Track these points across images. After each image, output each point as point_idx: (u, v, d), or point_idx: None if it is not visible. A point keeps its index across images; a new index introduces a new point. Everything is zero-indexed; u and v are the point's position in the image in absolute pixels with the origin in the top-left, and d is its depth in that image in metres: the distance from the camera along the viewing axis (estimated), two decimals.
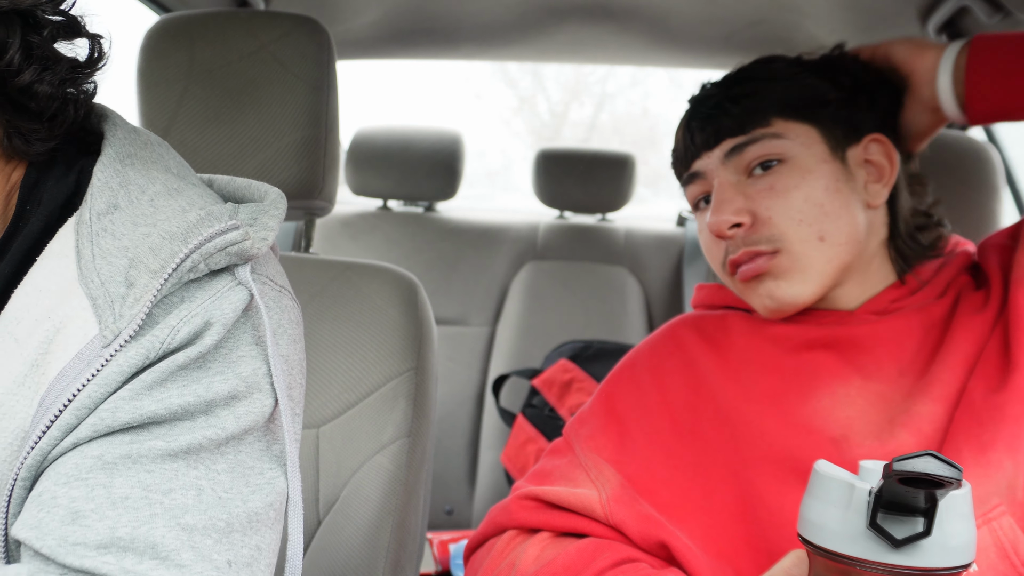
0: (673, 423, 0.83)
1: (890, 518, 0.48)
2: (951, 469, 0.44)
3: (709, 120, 0.83)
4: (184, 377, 0.53)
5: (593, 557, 0.74)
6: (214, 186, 0.67)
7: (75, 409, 0.50)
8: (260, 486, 0.55)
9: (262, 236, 0.58)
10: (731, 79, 0.85)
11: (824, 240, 0.79)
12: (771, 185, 0.80)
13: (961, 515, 0.48)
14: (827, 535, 0.50)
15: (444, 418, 1.92)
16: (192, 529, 0.50)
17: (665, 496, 0.79)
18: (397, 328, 0.97)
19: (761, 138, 0.80)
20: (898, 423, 0.74)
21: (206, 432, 0.52)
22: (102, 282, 0.53)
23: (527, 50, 1.92)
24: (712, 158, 0.83)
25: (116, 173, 0.58)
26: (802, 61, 0.85)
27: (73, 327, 0.52)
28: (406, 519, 0.94)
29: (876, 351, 0.79)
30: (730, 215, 0.80)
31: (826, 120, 0.81)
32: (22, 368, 0.52)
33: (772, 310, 0.82)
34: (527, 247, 2.11)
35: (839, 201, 0.80)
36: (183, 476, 0.51)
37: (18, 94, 0.56)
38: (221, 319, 0.54)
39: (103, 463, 0.50)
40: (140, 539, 0.49)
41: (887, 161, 0.83)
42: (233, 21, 0.96)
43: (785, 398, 0.79)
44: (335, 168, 0.99)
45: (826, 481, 0.51)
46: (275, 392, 0.57)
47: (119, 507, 0.49)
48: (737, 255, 0.81)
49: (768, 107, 0.81)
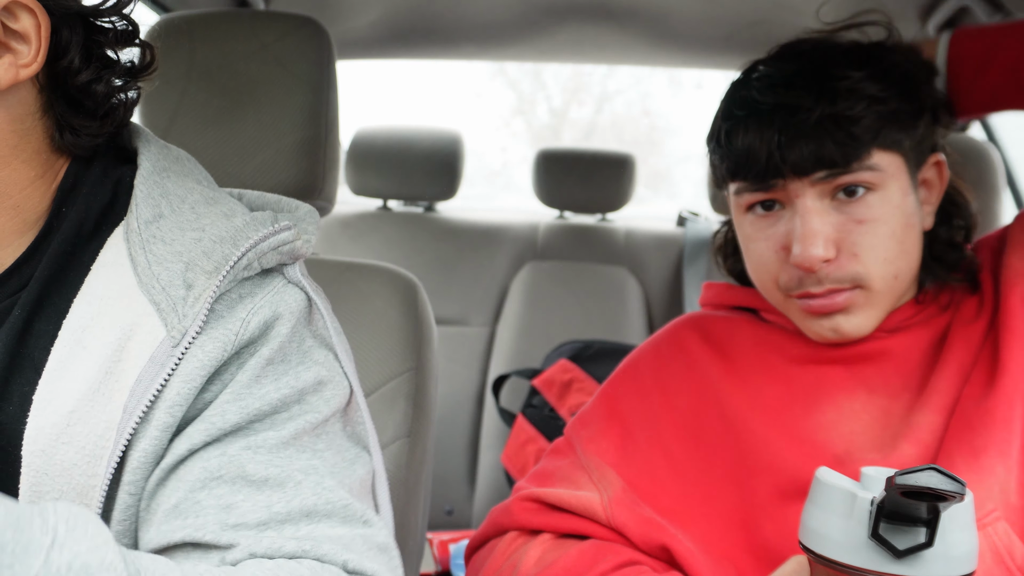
0: (676, 427, 0.82)
1: (892, 528, 0.47)
2: (954, 483, 0.44)
3: (807, 139, 0.73)
4: (273, 371, 0.57)
5: (595, 560, 0.74)
6: (243, 199, 0.69)
7: (168, 407, 0.53)
8: (353, 460, 0.59)
9: (307, 238, 0.63)
10: (825, 87, 0.74)
11: (897, 278, 0.77)
12: (860, 218, 0.75)
13: (963, 525, 0.48)
14: (829, 544, 0.50)
15: (444, 418, 1.92)
16: (334, 488, 0.55)
17: (666, 501, 0.79)
18: (397, 328, 0.97)
19: (858, 170, 0.74)
20: (900, 436, 0.74)
21: (305, 418, 0.57)
22: (163, 287, 0.56)
23: (527, 50, 1.92)
24: (801, 180, 0.75)
25: (156, 184, 0.61)
26: (884, 69, 0.76)
27: (141, 333, 0.55)
28: (406, 519, 0.94)
29: (884, 366, 0.78)
30: (822, 251, 0.73)
31: (910, 147, 0.77)
32: (96, 375, 0.54)
33: (829, 340, 0.79)
34: (527, 247, 2.11)
35: (913, 237, 0.77)
36: (296, 460, 0.55)
37: (76, 92, 0.60)
38: (287, 311, 0.58)
39: (229, 457, 0.53)
40: (295, 511, 0.52)
41: (939, 181, 0.81)
42: (233, 21, 0.96)
43: (790, 410, 0.78)
44: (335, 168, 0.99)
45: (828, 490, 0.51)
46: (348, 377, 0.62)
47: (264, 489, 0.53)
48: (820, 290, 0.76)
49: (870, 139, 0.74)
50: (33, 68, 0.56)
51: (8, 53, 0.55)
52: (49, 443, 0.53)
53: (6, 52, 0.55)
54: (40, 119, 0.59)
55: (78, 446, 0.52)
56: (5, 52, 0.55)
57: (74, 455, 0.52)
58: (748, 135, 0.76)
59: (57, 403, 0.53)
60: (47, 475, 0.52)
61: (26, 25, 0.55)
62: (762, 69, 0.80)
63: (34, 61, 0.56)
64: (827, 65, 0.76)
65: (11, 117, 0.57)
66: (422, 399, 0.97)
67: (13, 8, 0.55)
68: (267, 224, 0.60)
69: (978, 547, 0.50)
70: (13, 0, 0.54)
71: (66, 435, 0.53)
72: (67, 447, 0.52)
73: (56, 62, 0.58)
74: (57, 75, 0.59)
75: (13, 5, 0.55)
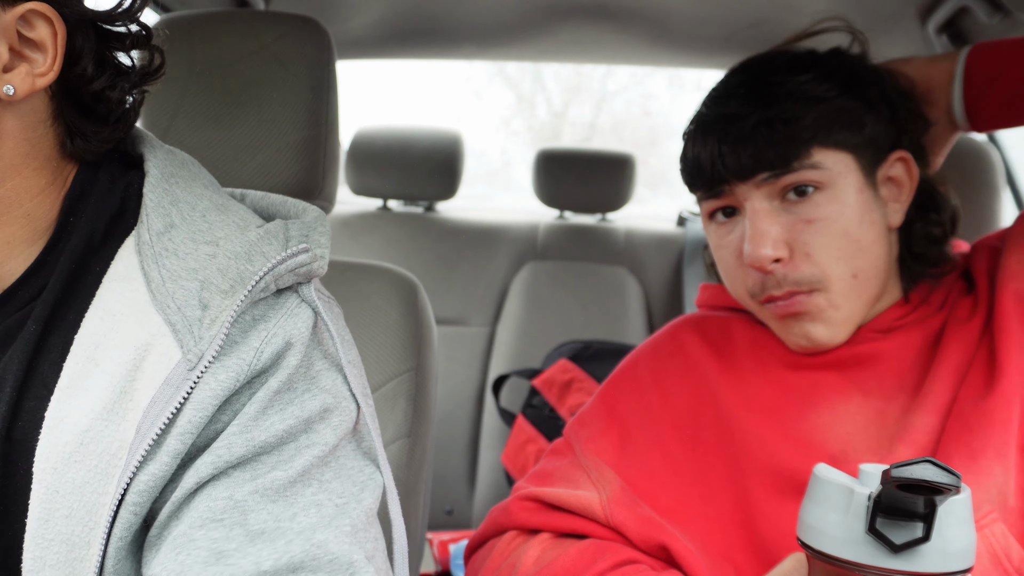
0: (674, 427, 0.83)
1: (889, 523, 0.48)
2: (949, 476, 0.44)
3: (744, 144, 0.77)
4: (279, 401, 0.55)
5: (594, 559, 0.74)
6: (246, 201, 0.68)
7: (179, 435, 0.52)
8: (365, 483, 0.58)
9: (321, 255, 0.61)
10: (762, 93, 0.78)
11: (856, 277, 0.77)
12: (809, 217, 0.77)
13: (961, 520, 0.48)
14: (826, 539, 0.50)
15: (444, 418, 1.92)
16: (325, 543, 0.53)
17: (664, 500, 0.79)
18: (397, 328, 0.97)
19: (799, 169, 0.76)
20: (897, 439, 0.74)
21: (313, 451, 0.55)
22: (178, 307, 0.55)
23: (527, 50, 1.92)
24: (745, 183, 0.78)
25: (166, 192, 0.60)
26: (826, 68, 0.79)
27: (156, 353, 0.54)
28: (406, 519, 0.94)
29: (878, 368, 0.78)
30: (770, 250, 0.76)
31: (859, 145, 0.78)
32: (109, 395, 0.53)
33: (805, 348, 0.80)
34: (527, 247, 2.11)
35: (872, 234, 0.78)
36: (302, 497, 0.54)
37: (91, 99, 0.59)
38: (299, 339, 0.57)
39: (235, 502, 0.52)
40: (283, 568, 0.51)
41: (908, 179, 0.81)
42: (233, 21, 0.95)
43: (785, 412, 0.79)
44: (335, 168, 0.99)
45: (825, 485, 0.51)
46: (355, 398, 0.60)
47: (257, 542, 0.52)
48: (780, 293, 0.78)
49: (809, 138, 0.76)
50: (49, 77, 0.55)
51: (24, 62, 0.54)
52: (61, 461, 0.52)
53: (22, 61, 0.54)
54: (51, 126, 0.58)
55: (90, 465, 0.52)
56: (21, 61, 0.54)
57: (86, 474, 0.52)
58: (695, 146, 0.82)
59: (70, 421, 0.52)
60: (58, 493, 0.52)
61: (43, 34, 0.54)
62: (713, 86, 0.84)
63: (50, 70, 0.55)
64: (768, 73, 0.80)
65: (24, 125, 0.56)
66: (422, 399, 0.97)
67: (30, 17, 0.54)
68: (279, 238, 0.59)
69: (976, 543, 0.51)
70: (30, 9, 0.53)
71: (79, 454, 0.52)
72: (79, 466, 0.52)
73: (69, 69, 0.57)
74: (69, 82, 0.58)
75: (30, 14, 0.54)
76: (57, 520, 0.52)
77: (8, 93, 0.54)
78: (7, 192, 0.57)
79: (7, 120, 0.55)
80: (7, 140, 0.56)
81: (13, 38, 0.54)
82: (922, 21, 1.41)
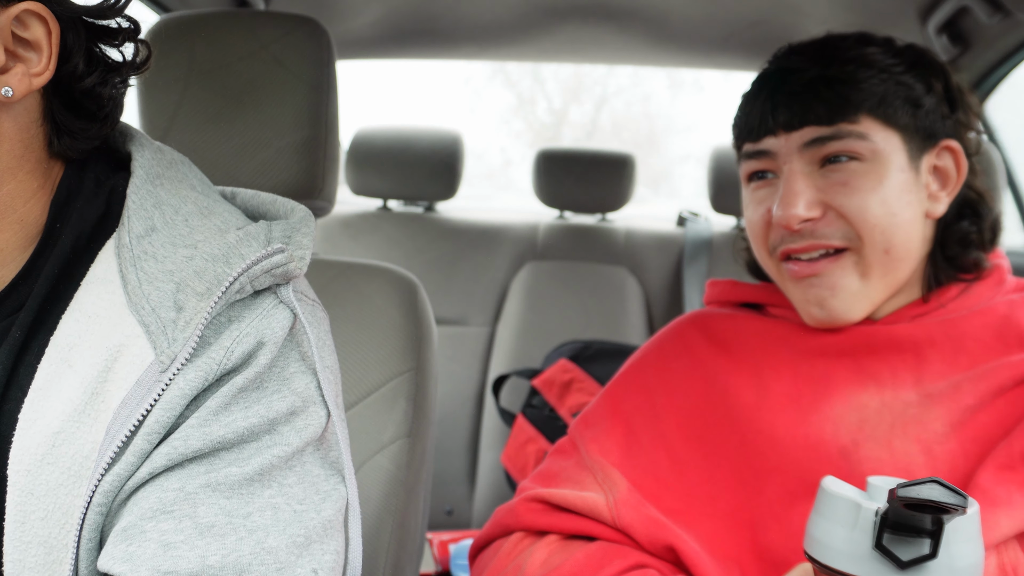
0: (681, 427, 0.82)
1: (896, 539, 0.47)
2: (956, 496, 0.44)
3: (797, 98, 0.78)
4: (245, 399, 0.54)
5: (601, 563, 0.73)
6: (237, 200, 0.67)
7: (146, 434, 0.52)
8: (328, 493, 0.57)
9: (300, 255, 0.60)
10: (827, 55, 0.79)
11: (888, 253, 0.77)
12: (846, 181, 0.77)
13: (968, 537, 0.48)
14: (833, 554, 0.50)
15: (444, 418, 1.92)
16: (275, 550, 0.52)
17: (670, 500, 0.79)
18: (397, 328, 0.97)
19: (846, 136, 0.76)
20: (910, 436, 0.73)
21: (273, 451, 0.54)
22: (152, 308, 0.54)
23: (527, 50, 1.92)
24: (789, 141, 0.79)
25: (149, 194, 0.59)
26: (896, 49, 0.80)
27: (129, 355, 0.53)
28: (406, 519, 0.94)
29: (892, 360, 0.77)
30: (802, 210, 0.77)
31: (911, 127, 0.78)
32: (81, 396, 0.52)
33: (818, 320, 0.80)
34: (527, 247, 2.11)
35: (909, 213, 0.77)
36: (259, 497, 0.53)
37: (81, 96, 0.58)
38: (272, 338, 0.56)
39: (185, 494, 0.51)
40: (229, 566, 0.50)
41: (956, 171, 0.81)
42: (233, 21, 0.95)
43: (797, 403, 0.78)
44: (335, 168, 0.99)
45: (833, 500, 0.51)
46: (327, 404, 0.58)
47: (206, 536, 0.51)
48: (801, 245, 0.78)
49: (862, 101, 0.76)
50: (45, 76, 0.54)
51: (20, 63, 0.54)
52: (34, 463, 0.51)
53: (18, 62, 0.54)
54: (41, 126, 0.57)
55: (63, 467, 0.51)
56: (17, 62, 0.54)
57: (59, 476, 0.51)
58: (750, 101, 0.83)
59: (42, 423, 0.52)
60: (32, 495, 0.51)
61: (37, 33, 0.54)
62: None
63: (46, 69, 0.54)
64: (838, 40, 0.80)
65: (18, 127, 0.56)
66: (422, 399, 0.97)
67: (24, 17, 0.53)
68: (259, 240, 0.58)
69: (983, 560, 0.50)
70: (25, 9, 0.53)
71: (51, 455, 0.51)
72: (52, 467, 0.51)
73: (60, 67, 0.56)
74: (60, 79, 0.57)
75: (24, 14, 0.53)
76: (33, 523, 0.51)
77: (7, 95, 0.53)
78: (2, 197, 0.56)
79: (4, 122, 0.55)
80: (4, 143, 0.55)
81: (8, 39, 0.53)
82: (922, 21, 1.41)
